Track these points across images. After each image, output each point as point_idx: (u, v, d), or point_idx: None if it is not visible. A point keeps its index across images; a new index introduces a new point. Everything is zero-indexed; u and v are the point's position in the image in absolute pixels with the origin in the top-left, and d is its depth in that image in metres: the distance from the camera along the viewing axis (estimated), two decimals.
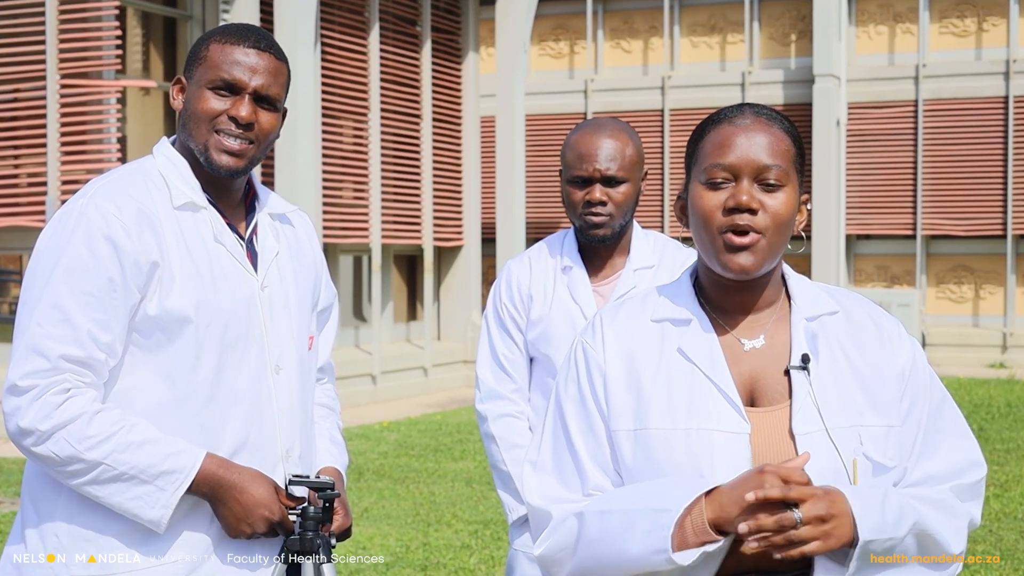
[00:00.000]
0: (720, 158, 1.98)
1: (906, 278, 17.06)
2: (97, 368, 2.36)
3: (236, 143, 2.46)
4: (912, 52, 16.98)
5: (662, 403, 1.99)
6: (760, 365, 2.01)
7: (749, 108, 2.02)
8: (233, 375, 2.45)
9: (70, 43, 10.53)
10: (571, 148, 3.27)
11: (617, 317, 2.09)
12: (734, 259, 1.95)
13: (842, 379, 2.00)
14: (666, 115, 17.40)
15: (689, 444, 1.95)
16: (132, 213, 2.38)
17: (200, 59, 2.48)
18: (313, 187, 11.71)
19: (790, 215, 1.98)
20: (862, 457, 1.95)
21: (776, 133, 1.99)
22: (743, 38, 17.46)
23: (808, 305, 2.05)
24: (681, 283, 2.09)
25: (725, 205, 1.96)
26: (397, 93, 13.54)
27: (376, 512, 7.48)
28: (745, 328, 2.03)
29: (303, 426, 2.59)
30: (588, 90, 17.79)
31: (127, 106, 11.82)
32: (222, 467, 2.40)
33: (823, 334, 2.02)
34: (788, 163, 1.98)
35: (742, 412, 1.96)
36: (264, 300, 2.52)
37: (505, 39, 14.16)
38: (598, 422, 2.04)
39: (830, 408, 1.96)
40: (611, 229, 3.25)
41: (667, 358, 2.02)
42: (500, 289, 3.43)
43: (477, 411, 3.44)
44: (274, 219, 2.63)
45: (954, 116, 16.64)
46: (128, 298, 2.37)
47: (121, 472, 2.34)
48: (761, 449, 1.95)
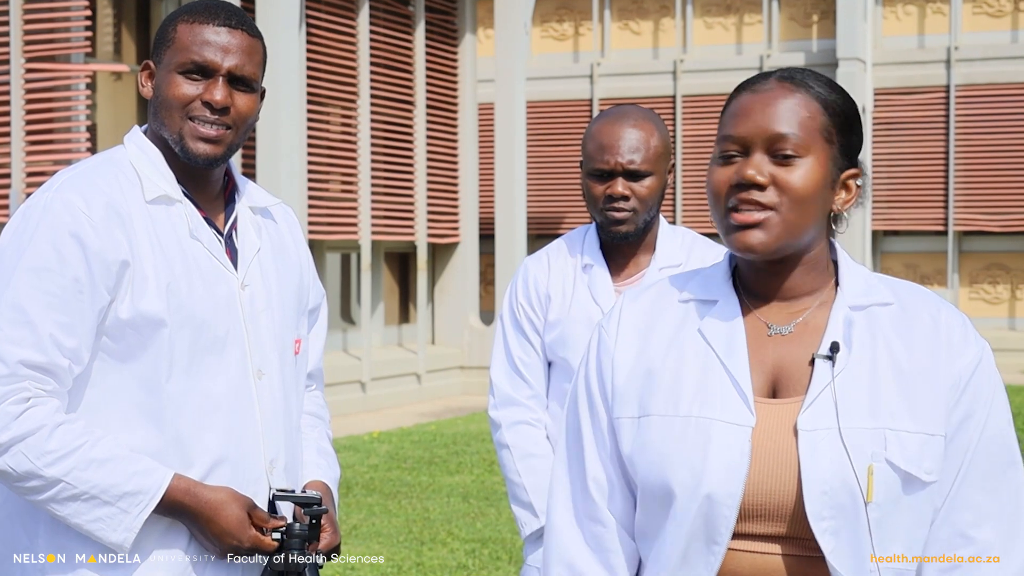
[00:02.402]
0: (732, 129, 1.94)
1: (937, 278, 17.05)
2: (60, 375, 2.35)
3: (212, 129, 2.45)
4: (943, 34, 16.97)
5: (667, 387, 1.96)
6: (787, 352, 1.96)
7: (778, 73, 1.97)
8: (211, 381, 2.44)
9: (36, 24, 10.52)
10: (591, 138, 3.27)
11: (640, 297, 2.07)
12: (740, 238, 1.92)
13: (878, 375, 1.92)
14: (678, 102, 17.39)
15: (687, 433, 1.92)
16: (100, 208, 2.38)
17: (168, 41, 2.48)
18: (297, 179, 11.71)
19: (812, 189, 1.91)
20: (883, 464, 1.87)
21: (800, 98, 1.93)
22: (761, 19, 17.45)
23: (857, 293, 1.98)
24: (720, 264, 2.07)
25: (730, 180, 1.93)
26: (388, 78, 13.53)
27: (366, 530, 7.47)
28: (778, 313, 1.99)
29: (288, 436, 2.58)
30: (594, 75, 17.78)
31: (97, 92, 11.81)
32: (188, 492, 2.39)
33: (865, 324, 1.96)
34: (809, 131, 1.92)
35: (749, 402, 1.91)
36: (245, 300, 2.51)
37: (505, 20, 14.15)
38: (602, 412, 2.02)
39: (853, 405, 1.90)
40: (634, 225, 3.26)
41: (683, 339, 1.99)
42: (516, 289, 3.44)
43: (490, 418, 3.44)
44: (255, 213, 2.63)
45: (988, 103, 16.63)
46: (96, 300, 2.36)
47: (81, 491, 2.33)
48: (763, 446, 1.90)
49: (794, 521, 1.89)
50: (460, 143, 14.61)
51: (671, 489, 1.91)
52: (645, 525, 1.99)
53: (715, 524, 1.89)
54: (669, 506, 1.92)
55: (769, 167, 1.91)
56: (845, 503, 1.86)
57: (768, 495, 1.89)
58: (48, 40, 10.56)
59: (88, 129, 10.80)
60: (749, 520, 1.90)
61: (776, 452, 1.90)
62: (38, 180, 10.37)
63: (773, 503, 1.89)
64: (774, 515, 1.89)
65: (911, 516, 1.91)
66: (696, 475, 1.89)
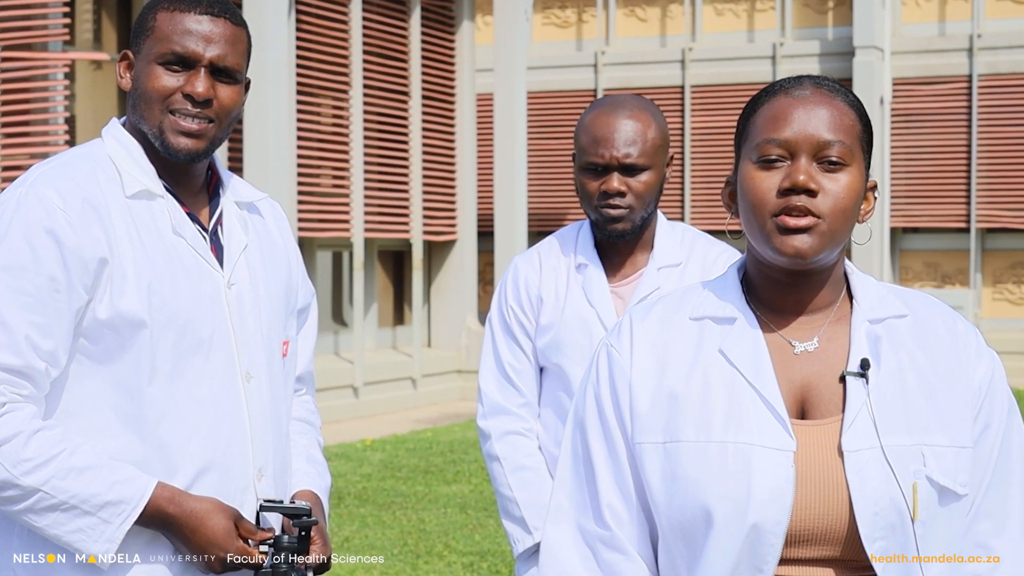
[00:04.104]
0: (774, 132, 1.96)
1: (958, 277, 17.05)
2: (37, 379, 2.34)
3: (194, 123, 2.45)
4: (965, 21, 16.96)
5: (695, 412, 1.97)
6: (813, 371, 1.99)
7: (809, 79, 2.01)
8: (195, 385, 2.44)
9: (11, 10, 10.51)
10: (585, 130, 3.25)
11: (649, 315, 2.08)
12: (788, 241, 1.93)
13: (908, 390, 1.97)
14: (687, 92, 17.39)
15: (725, 460, 1.93)
16: (77, 203, 2.37)
17: (147, 30, 2.48)
18: (287, 174, 11.71)
19: (854, 200, 1.96)
20: (924, 481, 1.92)
21: (839, 106, 1.98)
22: (774, 5, 17.45)
23: (872, 306, 2.03)
24: (727, 278, 2.08)
25: (780, 186, 1.94)
26: (382, 67, 13.53)
27: (358, 542, 7.47)
28: (798, 330, 2.02)
29: (277, 442, 2.58)
30: (598, 64, 17.78)
31: (76, 82, 11.81)
32: (172, 502, 2.39)
33: (888, 338, 2.00)
34: (853, 140, 1.97)
35: (787, 426, 1.94)
36: (231, 299, 2.51)
37: (504, 6, 14.15)
38: (619, 438, 2.02)
39: (890, 422, 1.94)
40: (631, 223, 3.23)
41: (705, 360, 2.00)
42: (506, 290, 3.41)
43: (479, 428, 3.42)
44: (241, 208, 2.63)
45: (1013, 93, 16.62)
46: (73, 300, 2.35)
47: (60, 501, 2.33)
48: (807, 469, 1.93)
49: (842, 544, 1.93)
50: (457, 136, 14.60)
51: (711, 518, 1.93)
52: (677, 555, 1.99)
53: (761, 553, 1.92)
54: (707, 535, 1.93)
55: (817, 175, 1.95)
56: (895, 522, 1.92)
57: (816, 520, 1.92)
58: (24, 27, 10.55)
59: (66, 121, 10.79)
60: (794, 545, 1.93)
61: (822, 475, 1.93)
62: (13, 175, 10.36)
63: (821, 527, 1.92)
64: (821, 539, 1.93)
65: (949, 529, 1.97)
66: (740, 504, 1.91)
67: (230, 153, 11.84)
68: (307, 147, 12.55)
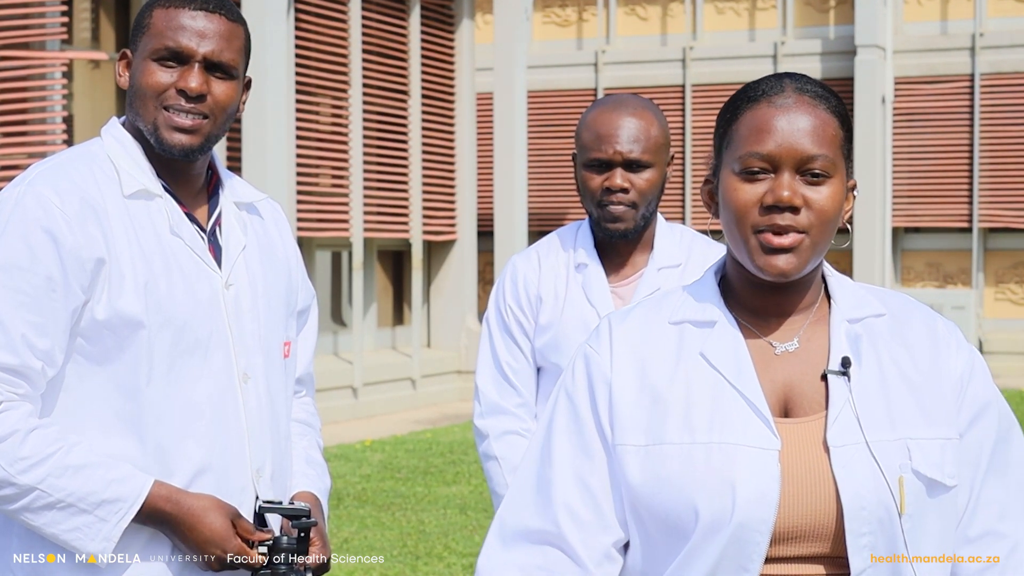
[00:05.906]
0: (757, 146, 1.96)
1: (961, 277, 17.05)
2: (33, 378, 2.35)
3: (187, 119, 2.46)
4: (968, 19, 16.97)
5: (679, 414, 1.98)
6: (795, 371, 2.01)
7: (791, 81, 2.01)
8: (193, 386, 2.45)
9: (9, 9, 10.51)
10: (588, 127, 3.26)
11: (628, 319, 2.08)
12: (772, 261, 1.95)
13: (889, 385, 1.99)
14: (687, 92, 17.39)
15: (710, 460, 1.94)
16: (75, 202, 2.38)
17: (143, 28, 2.50)
18: (286, 173, 11.71)
19: (837, 209, 1.97)
20: (911, 475, 1.94)
21: (822, 115, 1.97)
22: (775, 3, 17.45)
23: (851, 306, 2.05)
24: (704, 282, 2.09)
25: (763, 201, 1.95)
26: (382, 66, 13.53)
27: (358, 543, 7.47)
28: (778, 332, 2.03)
29: (276, 443, 2.58)
30: (599, 63, 17.78)
31: (74, 81, 11.81)
32: (170, 500, 2.39)
33: (867, 336, 2.02)
34: (835, 150, 1.97)
35: (771, 425, 1.95)
36: (229, 300, 2.51)
37: (504, 5, 14.15)
38: (594, 438, 2.02)
39: (873, 418, 1.96)
40: (633, 222, 3.24)
41: (686, 364, 2.01)
42: (504, 289, 3.41)
43: (476, 428, 3.42)
44: (240, 209, 2.63)
45: (1016, 92, 16.62)
46: (70, 300, 2.36)
47: (57, 499, 2.34)
48: (792, 466, 1.94)
49: (830, 540, 1.93)
50: (457, 135, 14.60)
51: (697, 519, 1.93)
52: (656, 555, 2.00)
53: (746, 551, 1.92)
54: (692, 535, 1.94)
55: (801, 188, 1.95)
56: (882, 517, 1.92)
57: (802, 517, 1.93)
58: (22, 26, 10.55)
59: (64, 120, 10.79)
60: (781, 543, 1.94)
61: (808, 473, 1.94)
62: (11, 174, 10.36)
63: (807, 524, 1.93)
64: (809, 536, 1.93)
65: (939, 522, 1.98)
66: (726, 504, 1.92)
67: (229, 153, 11.84)
68: (306, 146, 12.55)
